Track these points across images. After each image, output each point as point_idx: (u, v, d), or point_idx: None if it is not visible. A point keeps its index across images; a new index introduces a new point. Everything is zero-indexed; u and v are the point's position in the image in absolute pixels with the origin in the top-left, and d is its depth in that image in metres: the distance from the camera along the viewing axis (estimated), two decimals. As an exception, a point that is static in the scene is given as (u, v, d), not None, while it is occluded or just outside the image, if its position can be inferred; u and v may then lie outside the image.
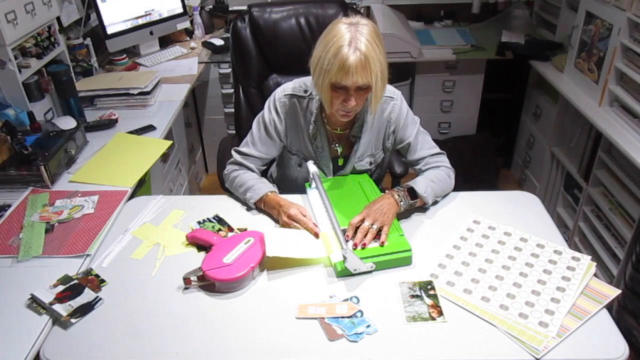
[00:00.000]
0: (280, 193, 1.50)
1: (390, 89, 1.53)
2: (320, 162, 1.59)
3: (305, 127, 1.55)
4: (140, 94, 2.20)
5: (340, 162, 1.60)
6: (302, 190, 1.56)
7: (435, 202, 1.49)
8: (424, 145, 1.55)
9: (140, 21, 2.69)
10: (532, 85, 2.89)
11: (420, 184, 1.44)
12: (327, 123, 1.54)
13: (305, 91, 1.52)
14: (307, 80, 1.52)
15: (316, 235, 1.35)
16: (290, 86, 1.55)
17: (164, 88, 2.37)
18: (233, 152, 1.59)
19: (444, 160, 1.56)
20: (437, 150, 1.57)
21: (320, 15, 1.86)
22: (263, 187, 1.48)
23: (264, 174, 1.64)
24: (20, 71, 1.89)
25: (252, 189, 1.48)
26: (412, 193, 1.43)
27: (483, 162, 2.98)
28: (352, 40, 1.28)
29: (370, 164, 1.61)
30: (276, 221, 1.45)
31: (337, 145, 1.57)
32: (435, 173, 1.51)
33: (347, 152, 1.59)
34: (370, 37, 1.30)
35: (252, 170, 1.56)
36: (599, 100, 2.16)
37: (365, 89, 1.35)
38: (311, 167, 1.52)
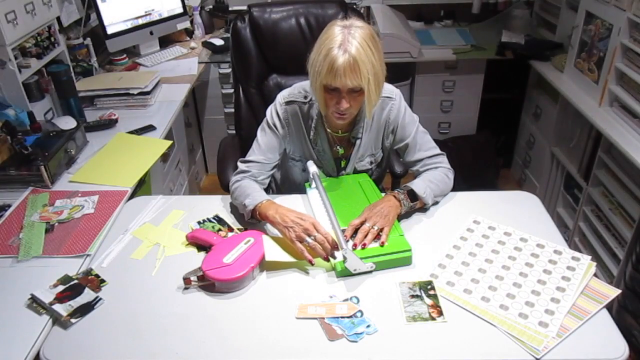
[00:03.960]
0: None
1: (389, 88, 1.52)
2: (324, 165, 1.59)
3: (307, 132, 1.54)
4: (140, 94, 2.20)
5: (343, 163, 1.60)
6: (305, 193, 1.56)
7: (435, 203, 1.49)
8: (422, 147, 1.54)
9: (140, 21, 2.69)
10: (532, 85, 2.89)
11: (418, 185, 1.45)
12: (327, 126, 1.54)
13: (305, 97, 1.51)
14: (306, 85, 1.51)
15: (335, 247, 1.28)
16: (286, 93, 1.53)
17: (164, 88, 2.37)
18: (238, 163, 1.54)
19: (442, 161, 1.55)
20: (436, 151, 1.56)
21: (320, 15, 1.86)
22: (259, 197, 1.42)
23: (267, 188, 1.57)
24: (20, 71, 1.89)
25: (250, 196, 1.42)
26: (412, 195, 1.42)
27: (483, 162, 2.98)
28: (343, 42, 1.28)
29: (371, 163, 1.61)
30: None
31: (338, 147, 1.57)
32: (433, 174, 1.50)
33: (348, 153, 1.59)
34: (363, 40, 1.28)
35: (256, 179, 1.50)
36: (599, 100, 2.16)
37: (359, 92, 1.34)
38: (311, 167, 1.52)
